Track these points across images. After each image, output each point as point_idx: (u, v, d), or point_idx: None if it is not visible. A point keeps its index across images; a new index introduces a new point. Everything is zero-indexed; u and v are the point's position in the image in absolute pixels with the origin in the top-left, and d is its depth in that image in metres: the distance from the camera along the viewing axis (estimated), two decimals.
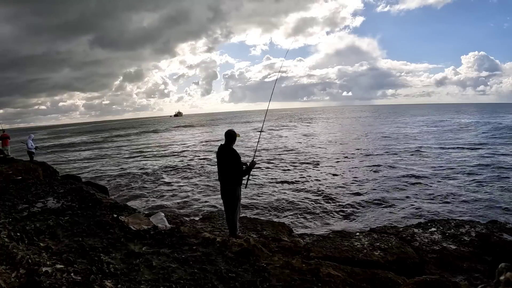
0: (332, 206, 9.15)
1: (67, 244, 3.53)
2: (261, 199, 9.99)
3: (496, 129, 31.15)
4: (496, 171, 12.78)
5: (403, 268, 3.71)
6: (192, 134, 43.88)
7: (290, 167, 15.48)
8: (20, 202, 5.51)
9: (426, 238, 4.61)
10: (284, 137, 31.18)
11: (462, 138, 24.78)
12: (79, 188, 6.96)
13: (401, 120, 53.36)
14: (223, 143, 4.35)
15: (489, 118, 48.58)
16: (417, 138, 25.69)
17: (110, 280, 2.67)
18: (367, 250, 4.08)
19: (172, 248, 3.59)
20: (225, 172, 4.29)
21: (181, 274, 2.94)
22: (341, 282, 2.89)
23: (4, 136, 14.88)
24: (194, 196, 10.75)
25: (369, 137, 27.96)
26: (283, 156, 19.05)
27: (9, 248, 3.08)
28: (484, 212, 8.17)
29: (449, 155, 17.14)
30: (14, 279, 2.50)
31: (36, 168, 9.22)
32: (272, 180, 12.74)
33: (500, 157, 15.93)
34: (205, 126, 65.84)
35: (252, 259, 3.33)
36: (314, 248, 4.14)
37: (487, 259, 4.00)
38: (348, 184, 11.64)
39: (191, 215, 8.13)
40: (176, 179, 13.84)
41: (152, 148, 27.94)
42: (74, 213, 4.91)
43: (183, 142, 32.12)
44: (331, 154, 19.23)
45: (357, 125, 47.19)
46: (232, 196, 4.30)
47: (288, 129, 43.80)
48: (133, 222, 4.47)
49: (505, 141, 21.72)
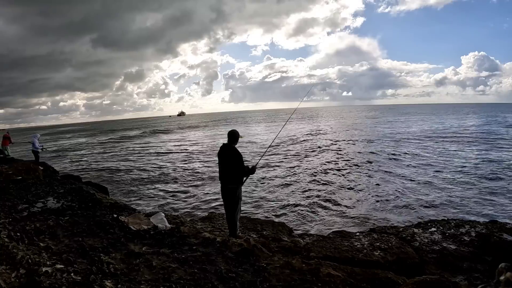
0: (332, 206, 9.15)
1: (67, 244, 3.53)
2: (261, 199, 9.99)
3: (496, 129, 31.15)
4: (496, 171, 12.78)
5: (403, 268, 3.70)
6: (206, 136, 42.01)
7: (290, 167, 15.48)
8: (20, 202, 5.50)
9: (426, 238, 4.60)
10: (286, 136, 31.14)
11: (462, 138, 24.77)
12: (79, 188, 6.96)
13: (401, 120, 53.35)
14: (225, 142, 4.36)
15: (489, 118, 48.58)
16: (417, 138, 25.68)
17: (110, 280, 2.67)
18: (367, 250, 4.08)
19: (172, 248, 3.59)
20: (226, 172, 4.29)
21: (181, 274, 2.94)
22: (341, 282, 2.89)
23: (6, 136, 14.92)
24: (195, 196, 10.76)
25: (370, 137, 27.95)
26: (283, 156, 19.05)
27: (9, 248, 3.08)
28: (484, 212, 8.17)
29: (450, 155, 17.14)
30: (14, 279, 2.50)
31: (36, 168, 9.19)
32: (272, 180, 12.74)
33: (500, 156, 15.93)
34: (218, 127, 60.65)
35: (252, 259, 3.34)
36: (314, 248, 4.13)
37: (487, 259, 4.00)
38: (348, 184, 11.64)
39: (191, 215, 8.13)
40: (176, 179, 13.84)
41: (155, 149, 27.94)
42: (74, 213, 4.91)
43: (191, 143, 32.00)
44: (331, 154, 19.23)
45: (359, 125, 47.16)
46: (233, 196, 4.30)
47: (293, 128, 43.71)
48: (133, 222, 4.47)
49: (505, 141, 21.71)
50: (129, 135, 49.22)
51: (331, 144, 24.43)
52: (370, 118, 67.34)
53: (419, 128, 36.47)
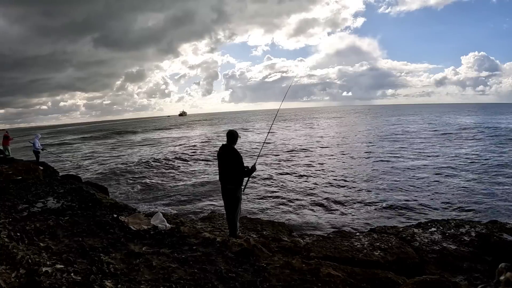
0: (332, 206, 9.15)
1: (67, 244, 3.53)
2: (261, 199, 9.99)
3: (496, 129, 31.13)
4: (496, 171, 12.77)
5: (403, 268, 3.70)
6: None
7: (291, 166, 15.48)
8: (20, 202, 5.50)
9: (426, 238, 4.60)
10: (287, 136, 31.13)
11: (462, 138, 24.77)
12: (79, 188, 6.96)
13: (401, 120, 53.31)
14: (225, 143, 4.35)
15: (489, 118, 48.56)
16: (417, 138, 25.66)
17: (110, 280, 2.67)
18: (367, 250, 4.07)
19: (172, 248, 3.59)
20: (226, 172, 4.29)
21: (181, 274, 2.93)
22: (341, 282, 2.89)
23: (5, 136, 14.93)
24: (195, 196, 10.75)
25: (371, 137, 27.95)
26: (284, 155, 19.05)
27: (9, 248, 3.08)
28: (484, 212, 8.17)
29: (450, 155, 17.13)
30: (14, 279, 2.50)
31: (36, 168, 9.20)
32: (273, 179, 12.74)
33: (500, 156, 15.92)
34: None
35: (252, 259, 3.33)
36: (314, 248, 4.13)
37: (487, 259, 3.99)
38: (348, 185, 11.64)
39: (191, 215, 8.13)
40: (176, 179, 13.84)
41: (155, 149, 27.93)
42: (74, 213, 4.91)
43: (188, 140, 32.00)
44: (331, 154, 19.22)
45: (360, 124, 47.13)
46: (233, 196, 4.30)
47: (292, 129, 43.69)
48: (133, 222, 4.47)
49: (505, 141, 21.69)
50: (130, 135, 49.21)
51: (331, 144, 24.42)
52: (371, 117, 67.32)
53: (420, 127, 36.45)
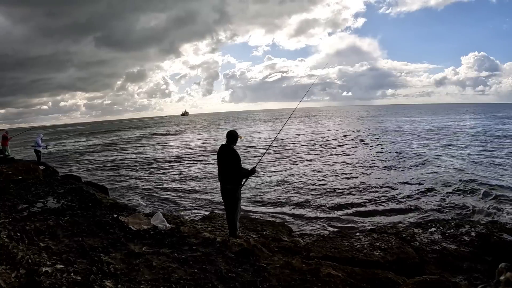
0: (332, 206, 9.14)
1: (67, 244, 3.53)
2: (261, 199, 9.98)
3: (496, 128, 31.14)
4: (496, 170, 12.77)
5: (403, 268, 3.70)
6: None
7: (290, 166, 15.47)
8: (20, 202, 5.50)
9: (426, 238, 4.61)
10: (288, 136, 31.14)
11: (462, 137, 24.77)
12: (79, 188, 6.96)
13: (401, 119, 53.32)
14: (224, 143, 4.35)
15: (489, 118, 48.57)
16: (418, 137, 25.66)
17: (110, 280, 2.67)
18: (367, 250, 4.08)
19: (172, 248, 3.59)
20: (224, 172, 4.29)
21: (181, 274, 2.94)
22: (341, 282, 2.89)
23: (4, 136, 14.93)
24: (195, 196, 10.75)
25: (371, 137, 27.94)
26: (284, 156, 19.04)
27: (9, 248, 3.08)
28: (484, 212, 8.16)
29: (450, 154, 17.13)
30: (14, 279, 2.50)
31: (36, 168, 9.21)
32: (273, 180, 12.73)
33: (501, 155, 15.92)
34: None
35: (252, 259, 3.33)
36: (314, 248, 4.13)
37: (487, 259, 4.00)
38: (348, 184, 11.63)
39: (191, 215, 8.13)
40: (176, 179, 13.83)
41: (155, 149, 27.94)
42: (74, 213, 4.91)
43: (185, 142, 32.04)
44: (332, 154, 19.22)
45: (359, 124, 47.12)
46: (232, 196, 4.30)
47: (295, 127, 43.64)
48: (133, 222, 4.47)
49: (505, 140, 21.69)
50: (130, 135, 49.22)
51: (331, 144, 24.42)
52: (371, 117, 67.33)
53: (420, 127, 36.45)
